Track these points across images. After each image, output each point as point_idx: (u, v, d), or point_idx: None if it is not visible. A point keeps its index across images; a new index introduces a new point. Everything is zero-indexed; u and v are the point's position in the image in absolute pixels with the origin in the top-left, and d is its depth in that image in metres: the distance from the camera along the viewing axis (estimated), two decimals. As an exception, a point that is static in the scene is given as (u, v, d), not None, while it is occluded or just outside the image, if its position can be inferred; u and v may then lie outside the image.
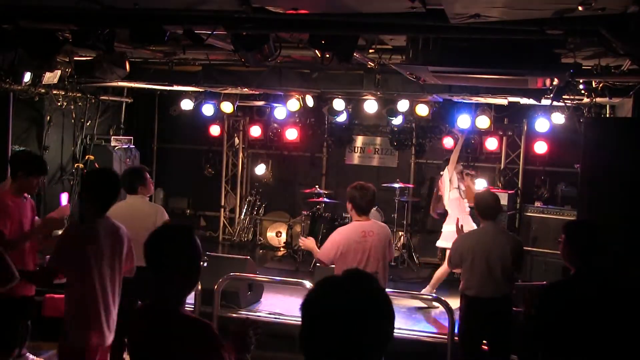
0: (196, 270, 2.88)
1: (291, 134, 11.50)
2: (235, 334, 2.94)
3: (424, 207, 11.11)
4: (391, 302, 1.87)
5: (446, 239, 8.25)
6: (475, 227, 7.91)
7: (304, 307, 1.84)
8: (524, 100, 8.63)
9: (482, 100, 9.01)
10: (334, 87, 9.18)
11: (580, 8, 3.67)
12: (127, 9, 4.65)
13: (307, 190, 10.84)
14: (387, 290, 6.87)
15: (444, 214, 8.54)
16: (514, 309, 6.21)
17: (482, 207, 5.88)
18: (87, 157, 10.39)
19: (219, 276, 6.95)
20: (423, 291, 8.15)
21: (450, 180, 8.44)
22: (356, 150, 11.78)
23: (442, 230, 8.49)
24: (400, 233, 10.60)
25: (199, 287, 6.74)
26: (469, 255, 5.74)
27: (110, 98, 10.92)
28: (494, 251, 5.69)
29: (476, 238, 5.86)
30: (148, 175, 6.25)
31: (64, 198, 6.70)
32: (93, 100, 10.52)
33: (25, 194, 5.47)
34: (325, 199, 10.57)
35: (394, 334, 1.86)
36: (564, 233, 4.05)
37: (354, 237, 5.43)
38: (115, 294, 4.35)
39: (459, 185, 8.39)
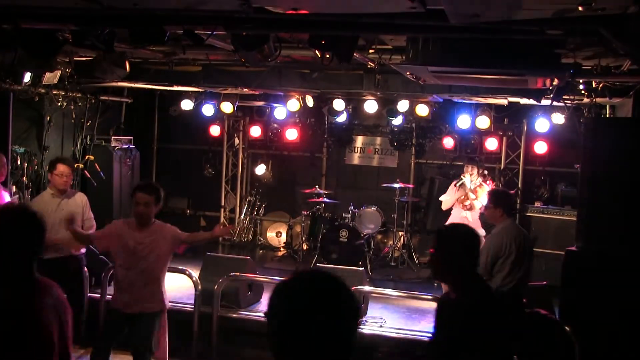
0: None
1: (291, 134, 11.49)
2: None
3: (424, 207, 11.12)
4: (354, 298, 1.90)
5: None
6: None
7: (272, 310, 1.86)
8: (524, 101, 8.63)
9: (482, 100, 9.02)
10: (334, 87, 9.18)
11: (580, 8, 3.67)
12: (127, 9, 4.65)
13: (307, 190, 10.84)
14: (387, 290, 6.81)
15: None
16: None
17: (509, 205, 6.04)
18: (87, 157, 10.38)
19: (219, 276, 6.95)
20: None
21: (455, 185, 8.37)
22: (356, 151, 11.78)
23: None
24: (400, 233, 10.60)
25: (199, 287, 6.74)
26: (510, 253, 5.78)
27: (110, 98, 10.91)
28: (527, 246, 5.88)
29: (511, 235, 5.89)
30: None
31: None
32: (93, 100, 10.51)
33: None
34: (325, 199, 10.57)
35: (396, 334, 1.88)
36: (448, 243, 3.43)
37: None
38: None
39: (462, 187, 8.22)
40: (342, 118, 10.92)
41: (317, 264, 9.33)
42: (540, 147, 10.34)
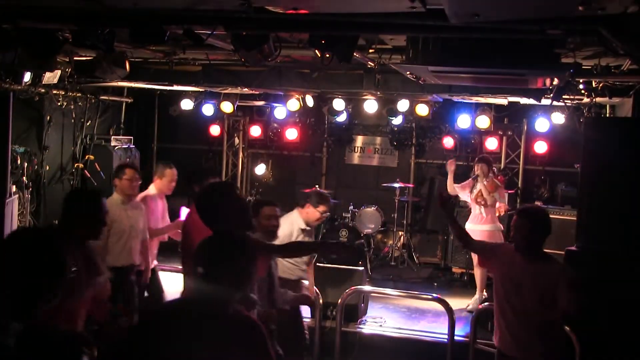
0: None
1: (291, 134, 11.50)
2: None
3: (424, 207, 11.12)
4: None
5: None
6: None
7: None
8: (524, 100, 8.63)
9: (482, 100, 9.02)
10: (334, 87, 9.18)
11: (580, 8, 3.67)
12: (127, 9, 4.64)
13: (307, 190, 10.81)
14: (387, 290, 6.85)
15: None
16: None
17: None
18: (87, 157, 10.39)
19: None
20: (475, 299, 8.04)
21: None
22: (356, 150, 11.78)
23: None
24: (400, 233, 10.60)
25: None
26: None
27: (110, 98, 10.91)
28: None
29: None
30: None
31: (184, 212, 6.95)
32: (93, 100, 10.52)
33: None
34: (325, 199, 10.56)
35: (396, 334, 1.87)
36: None
37: None
38: None
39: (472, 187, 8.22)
40: (342, 118, 10.91)
41: (317, 264, 9.32)
42: (540, 147, 10.36)
